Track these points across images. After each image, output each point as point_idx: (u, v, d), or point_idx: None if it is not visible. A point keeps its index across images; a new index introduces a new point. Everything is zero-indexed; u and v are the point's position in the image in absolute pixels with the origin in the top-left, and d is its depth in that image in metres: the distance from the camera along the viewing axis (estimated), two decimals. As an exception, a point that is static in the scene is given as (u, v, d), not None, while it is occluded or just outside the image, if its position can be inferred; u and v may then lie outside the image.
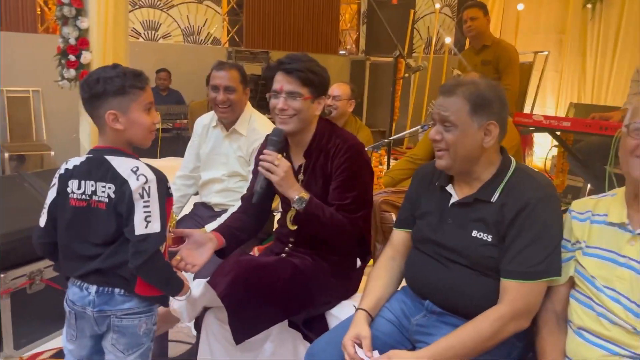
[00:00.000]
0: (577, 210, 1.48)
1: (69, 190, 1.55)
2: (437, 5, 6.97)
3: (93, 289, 1.55)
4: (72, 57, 3.63)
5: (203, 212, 2.58)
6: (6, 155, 5.33)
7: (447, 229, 1.58)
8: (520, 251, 1.44)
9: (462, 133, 1.50)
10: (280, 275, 1.77)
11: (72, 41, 3.61)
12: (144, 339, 1.61)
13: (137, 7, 6.52)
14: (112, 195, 1.50)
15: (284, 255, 1.93)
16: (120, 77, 1.51)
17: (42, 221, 1.61)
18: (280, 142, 1.80)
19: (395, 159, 4.29)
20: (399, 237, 1.77)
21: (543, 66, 5.28)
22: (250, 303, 1.70)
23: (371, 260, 2.29)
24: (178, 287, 1.61)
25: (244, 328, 1.71)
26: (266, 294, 1.73)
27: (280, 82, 1.79)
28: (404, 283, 1.76)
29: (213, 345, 1.95)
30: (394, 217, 2.32)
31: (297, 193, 1.73)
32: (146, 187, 1.49)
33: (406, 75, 3.56)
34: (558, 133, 3.39)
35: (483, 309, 1.46)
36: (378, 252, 2.38)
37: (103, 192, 1.51)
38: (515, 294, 1.43)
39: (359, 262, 2.01)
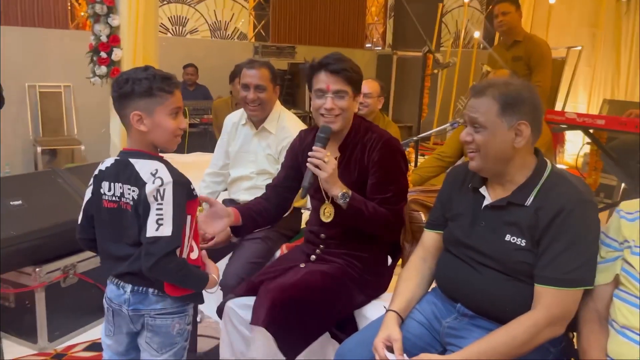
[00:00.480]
0: (626, 210, 1.44)
1: (101, 191, 1.58)
2: (466, -1, 6.87)
3: (128, 288, 1.58)
4: (103, 54, 3.68)
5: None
6: (39, 149, 5.45)
7: (480, 232, 1.56)
8: (555, 257, 1.41)
9: (492, 134, 1.49)
10: (313, 287, 1.79)
11: (104, 38, 3.66)
12: (177, 338, 1.63)
13: (165, 2, 6.58)
14: (135, 198, 1.52)
15: (314, 257, 1.94)
16: (148, 79, 1.51)
17: (79, 218, 1.65)
18: (328, 140, 1.83)
19: (423, 155, 4.25)
20: (430, 238, 1.75)
21: (576, 62, 5.16)
22: (293, 323, 1.73)
23: (400, 260, 2.28)
24: (200, 282, 1.61)
25: (293, 346, 1.75)
26: (305, 309, 1.76)
27: (326, 81, 1.82)
28: (434, 284, 1.75)
29: (234, 340, 1.96)
30: (423, 217, 2.30)
31: (341, 189, 1.77)
32: (161, 190, 1.48)
33: (435, 71, 3.51)
34: (591, 131, 3.31)
35: (516, 314, 1.44)
36: (407, 252, 2.36)
37: (129, 194, 1.53)
38: (550, 300, 1.40)
39: (389, 260, 2.01)
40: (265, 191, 2.08)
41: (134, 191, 1.52)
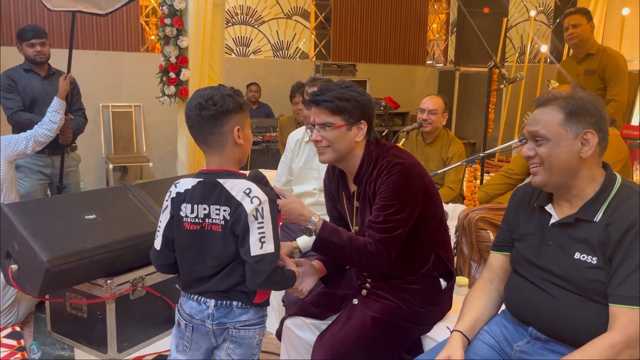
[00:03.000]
0: None
1: (182, 214, 1.59)
2: (532, 13, 6.68)
3: (212, 302, 1.59)
4: (172, 75, 3.82)
5: (294, 226, 2.60)
6: (110, 166, 5.71)
7: (548, 252, 1.50)
8: (630, 274, 1.34)
9: (556, 145, 1.44)
10: (365, 339, 1.75)
11: (173, 59, 3.80)
12: (255, 349, 1.67)
13: (230, 24, 6.78)
14: (228, 218, 1.54)
15: (365, 291, 1.89)
16: (238, 95, 1.59)
17: (158, 244, 1.65)
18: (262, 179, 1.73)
19: (488, 172, 4.14)
20: (497, 260, 1.70)
21: (653, 74, 4.89)
22: None
23: (465, 280, 2.20)
24: (291, 281, 1.67)
25: None
26: (362, 357, 1.74)
27: (313, 114, 1.79)
28: (503, 307, 1.69)
29: (292, 356, 1.96)
30: (491, 236, 2.23)
31: (304, 223, 1.71)
32: (259, 208, 1.51)
33: (502, 86, 3.42)
34: (672, 146, 3.11)
35: (593, 337, 1.36)
36: (474, 271, 2.29)
37: (217, 214, 1.55)
38: (627, 321, 1.32)
39: (443, 284, 1.91)
40: None
41: (225, 211, 1.54)
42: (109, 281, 2.50)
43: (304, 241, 2.35)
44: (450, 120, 6.71)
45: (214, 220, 1.55)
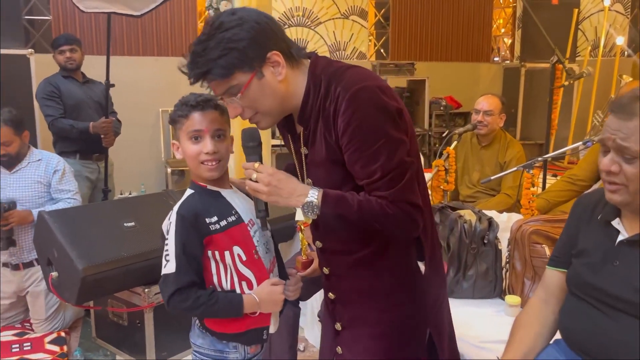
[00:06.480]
0: None
1: None
2: (607, 2, 6.21)
3: None
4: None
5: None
6: (169, 170, 5.80)
7: (613, 272, 1.31)
8: None
9: None
10: None
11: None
12: None
13: (286, 26, 6.75)
14: None
15: (338, 326, 1.44)
16: (176, 106, 1.51)
17: None
18: (258, 146, 1.36)
19: (554, 175, 3.83)
20: (553, 277, 1.51)
21: None
22: None
23: (517, 299, 2.00)
24: (232, 308, 1.43)
25: None
26: None
27: (211, 87, 1.30)
28: (557, 336, 1.49)
29: None
30: (547, 251, 2.01)
31: (303, 198, 1.22)
32: (169, 224, 1.45)
33: (566, 83, 3.13)
34: None
35: None
36: (527, 290, 2.07)
37: None
38: None
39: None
40: None
41: None
42: (146, 290, 2.48)
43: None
44: (515, 119, 6.36)
45: None
